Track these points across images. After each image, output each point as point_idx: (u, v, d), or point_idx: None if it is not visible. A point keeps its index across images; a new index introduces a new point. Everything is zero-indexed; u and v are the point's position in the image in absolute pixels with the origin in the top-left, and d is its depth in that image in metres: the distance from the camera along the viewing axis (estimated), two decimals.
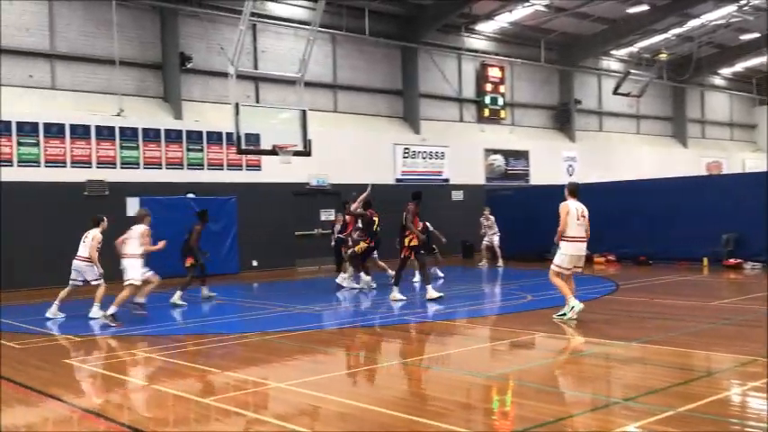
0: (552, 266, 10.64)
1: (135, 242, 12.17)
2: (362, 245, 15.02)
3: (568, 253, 10.43)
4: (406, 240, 13.56)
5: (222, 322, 12.30)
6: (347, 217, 16.28)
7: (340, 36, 23.60)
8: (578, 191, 10.69)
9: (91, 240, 12.36)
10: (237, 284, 17.94)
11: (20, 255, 16.99)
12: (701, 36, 30.07)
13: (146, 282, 12.43)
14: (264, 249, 20.80)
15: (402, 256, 13.71)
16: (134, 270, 12.11)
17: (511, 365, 8.05)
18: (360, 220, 15.29)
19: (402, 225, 13.70)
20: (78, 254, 12.47)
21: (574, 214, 10.42)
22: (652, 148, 33.89)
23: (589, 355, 8.58)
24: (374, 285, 15.23)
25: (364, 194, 15.51)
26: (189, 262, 14.10)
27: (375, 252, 15.84)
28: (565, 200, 10.59)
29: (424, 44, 25.64)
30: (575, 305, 10.37)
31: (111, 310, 11.53)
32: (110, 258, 12.55)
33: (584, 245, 10.58)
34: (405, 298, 13.40)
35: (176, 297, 13.81)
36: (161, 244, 12.20)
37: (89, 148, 18.49)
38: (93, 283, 12.47)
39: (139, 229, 12.23)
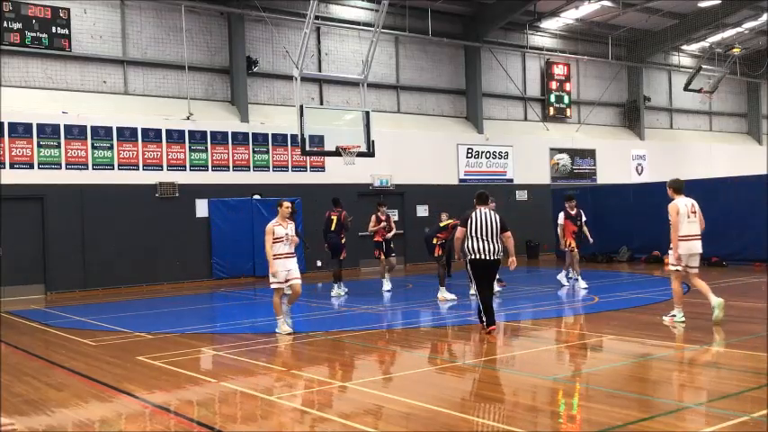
0: (669, 268, 10.32)
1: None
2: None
3: (680, 253, 10.10)
4: (435, 240, 14.16)
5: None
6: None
7: (403, 37, 23.63)
8: (683, 187, 10.34)
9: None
10: (303, 284, 18.08)
11: (94, 255, 17.58)
12: None
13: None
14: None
15: (439, 255, 14.16)
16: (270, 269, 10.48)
17: (579, 368, 7.92)
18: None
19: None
20: None
21: (684, 212, 10.09)
22: (725, 146, 32.80)
23: (660, 359, 8.37)
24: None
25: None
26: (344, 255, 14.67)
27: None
28: (672, 199, 10.25)
29: (487, 43, 25.45)
30: (676, 314, 10.08)
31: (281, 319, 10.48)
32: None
33: (699, 242, 10.23)
34: (454, 297, 13.71)
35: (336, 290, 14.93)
36: (271, 260, 10.32)
37: (160, 151, 19.01)
38: None
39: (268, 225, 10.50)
